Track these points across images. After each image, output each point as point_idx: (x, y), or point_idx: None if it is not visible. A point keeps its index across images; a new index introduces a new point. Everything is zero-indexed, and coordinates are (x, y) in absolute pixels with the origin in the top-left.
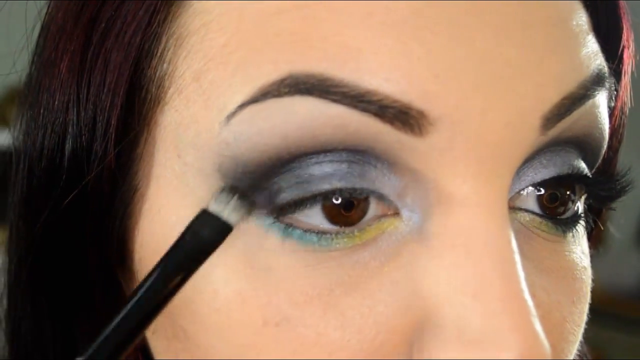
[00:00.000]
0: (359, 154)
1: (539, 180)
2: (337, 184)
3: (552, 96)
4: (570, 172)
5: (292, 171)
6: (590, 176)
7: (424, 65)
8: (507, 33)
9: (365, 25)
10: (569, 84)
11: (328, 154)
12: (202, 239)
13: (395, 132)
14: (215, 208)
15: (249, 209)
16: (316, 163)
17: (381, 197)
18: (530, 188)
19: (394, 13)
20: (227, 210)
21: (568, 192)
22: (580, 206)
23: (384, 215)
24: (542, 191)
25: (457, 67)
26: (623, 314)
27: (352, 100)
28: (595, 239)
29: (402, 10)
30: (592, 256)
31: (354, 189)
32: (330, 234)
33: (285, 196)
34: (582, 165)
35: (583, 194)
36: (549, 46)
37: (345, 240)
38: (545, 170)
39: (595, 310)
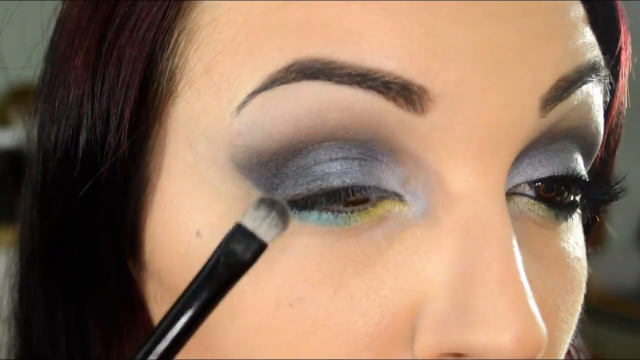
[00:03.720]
0: (366, 146)
1: (535, 178)
2: (348, 182)
3: (549, 78)
4: (566, 173)
5: (306, 169)
6: (587, 179)
7: (423, 45)
8: (507, 20)
9: (367, 10)
10: (565, 67)
11: (340, 150)
12: (236, 259)
13: (398, 111)
14: (251, 224)
15: (286, 225)
16: (330, 160)
17: (385, 192)
18: (527, 186)
19: None
20: (263, 227)
21: (563, 188)
22: (577, 198)
23: (386, 198)
24: (539, 184)
25: (457, 48)
26: (623, 314)
27: (355, 79)
28: (595, 239)
29: None
30: (592, 256)
31: (363, 187)
32: (346, 212)
33: (300, 190)
34: (580, 166)
35: (579, 193)
36: (547, 32)
37: (362, 215)
38: (542, 169)
39: (595, 310)
